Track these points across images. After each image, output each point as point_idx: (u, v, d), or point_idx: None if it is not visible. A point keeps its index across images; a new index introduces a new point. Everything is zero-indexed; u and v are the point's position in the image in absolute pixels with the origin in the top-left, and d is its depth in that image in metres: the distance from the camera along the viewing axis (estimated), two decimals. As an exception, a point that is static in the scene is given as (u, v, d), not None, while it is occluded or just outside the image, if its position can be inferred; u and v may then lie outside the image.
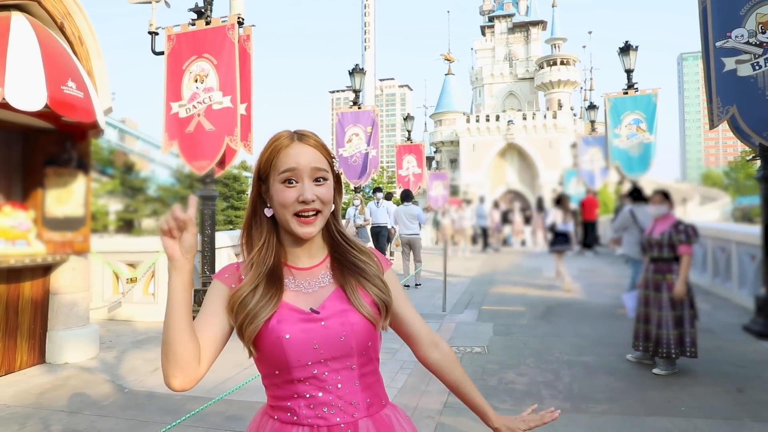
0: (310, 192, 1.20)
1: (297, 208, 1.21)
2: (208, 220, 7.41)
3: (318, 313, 1.22)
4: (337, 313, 1.22)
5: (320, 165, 1.23)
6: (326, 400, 1.20)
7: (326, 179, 1.25)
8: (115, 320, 7.37)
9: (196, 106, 7.19)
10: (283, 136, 1.25)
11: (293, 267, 1.29)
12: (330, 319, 1.21)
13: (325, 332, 1.20)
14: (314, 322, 1.21)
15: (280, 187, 1.22)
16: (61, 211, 5.39)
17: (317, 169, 1.22)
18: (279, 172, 1.22)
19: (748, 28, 5.77)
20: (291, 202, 1.21)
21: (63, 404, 4.19)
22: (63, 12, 5.02)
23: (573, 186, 28.90)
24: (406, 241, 10.77)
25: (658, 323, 4.91)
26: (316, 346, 1.19)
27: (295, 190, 1.21)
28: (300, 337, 1.18)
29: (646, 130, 13.62)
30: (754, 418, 3.81)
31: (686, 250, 4.81)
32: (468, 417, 3.95)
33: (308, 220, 1.22)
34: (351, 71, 14.63)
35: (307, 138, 1.25)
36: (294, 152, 1.22)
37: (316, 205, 1.22)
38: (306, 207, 1.21)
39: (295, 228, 1.22)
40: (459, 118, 57.49)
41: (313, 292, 1.26)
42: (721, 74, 5.89)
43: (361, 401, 1.23)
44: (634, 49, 13.49)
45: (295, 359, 1.18)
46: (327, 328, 1.20)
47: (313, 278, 1.28)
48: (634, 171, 13.94)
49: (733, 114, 5.83)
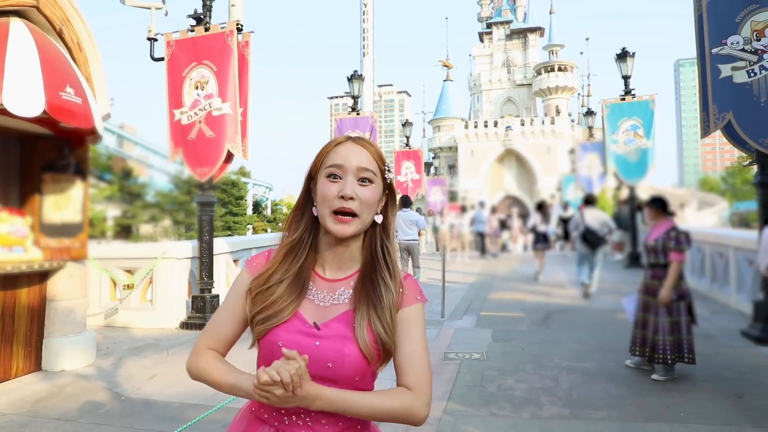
0: (351, 188, 1.19)
1: (336, 205, 1.20)
2: (206, 226, 7.40)
3: (318, 329, 1.20)
4: (336, 338, 1.19)
5: (368, 166, 1.23)
6: (297, 411, 1.18)
7: (372, 182, 1.23)
8: (112, 327, 7.33)
9: (198, 113, 7.20)
10: (341, 137, 1.28)
11: (318, 275, 1.28)
12: (326, 341, 1.19)
13: (316, 353, 1.17)
14: (310, 338, 1.19)
15: (324, 181, 1.22)
16: (59, 217, 5.37)
17: (363, 169, 1.22)
18: (326, 166, 1.23)
19: (744, 35, 5.80)
20: (332, 197, 1.20)
21: (59, 412, 4.16)
22: (62, 18, 5.02)
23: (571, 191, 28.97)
24: (405, 247, 10.75)
25: (654, 329, 4.91)
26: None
27: (337, 186, 1.20)
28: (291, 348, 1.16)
29: (643, 135, 13.68)
30: (753, 424, 3.80)
31: (676, 257, 4.81)
32: (468, 423, 3.93)
33: (344, 219, 1.20)
34: (350, 77, 14.66)
35: (363, 141, 1.26)
36: (344, 149, 1.23)
37: (354, 205, 1.20)
38: (344, 204, 1.19)
39: (330, 225, 1.21)
40: (457, 124, 57.63)
41: (325, 307, 1.24)
42: (717, 81, 5.91)
43: (330, 422, 1.19)
44: (631, 56, 13.55)
45: None
46: (319, 349, 1.18)
47: (332, 292, 1.26)
48: (632, 176, 13.98)
49: (729, 120, 5.85)
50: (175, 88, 7.33)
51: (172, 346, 6.28)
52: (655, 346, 4.87)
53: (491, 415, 4.10)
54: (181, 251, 7.65)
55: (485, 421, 4.00)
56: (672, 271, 4.80)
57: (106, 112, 5.42)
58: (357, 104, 14.51)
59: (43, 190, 5.31)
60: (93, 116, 4.79)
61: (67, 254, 5.36)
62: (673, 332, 4.81)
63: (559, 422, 3.96)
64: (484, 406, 4.30)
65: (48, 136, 5.27)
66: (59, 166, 5.36)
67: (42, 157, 5.33)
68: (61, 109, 4.40)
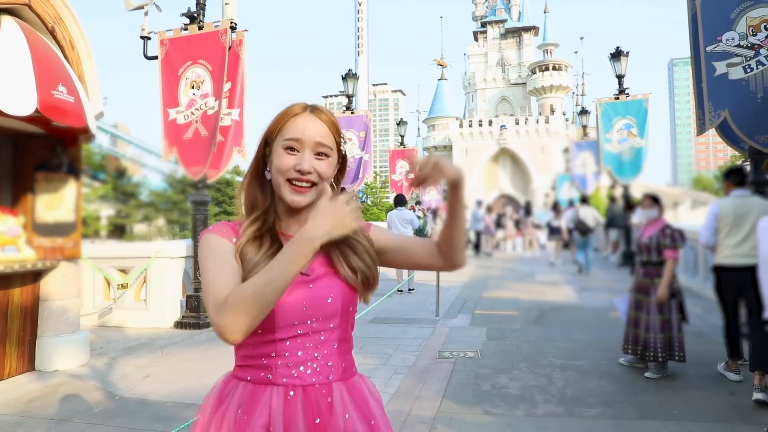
0: (308, 163, 1.22)
1: (292, 175, 1.22)
2: (201, 225, 7.39)
3: (307, 276, 1.23)
4: (324, 275, 1.25)
5: (325, 141, 1.25)
6: (304, 360, 1.21)
7: (328, 156, 1.26)
8: (106, 327, 7.30)
9: (194, 113, 7.18)
10: (296, 106, 1.27)
11: (285, 234, 1.30)
12: (318, 281, 1.24)
13: (313, 293, 1.22)
14: (303, 284, 1.22)
15: (281, 152, 1.23)
16: (52, 216, 5.35)
17: (320, 144, 1.24)
18: (284, 138, 1.23)
19: (739, 31, 5.81)
20: (287, 168, 1.22)
21: (53, 412, 4.14)
22: (54, 16, 4.99)
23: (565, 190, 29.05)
24: (399, 246, 10.75)
25: (646, 327, 4.94)
26: (305, 308, 1.21)
27: (294, 158, 1.22)
28: (290, 299, 1.19)
29: (637, 134, 13.72)
30: (745, 421, 3.82)
31: (671, 254, 4.83)
32: (462, 422, 3.94)
33: (301, 189, 1.23)
34: (344, 76, 14.64)
35: (319, 112, 1.27)
36: (302, 122, 1.24)
37: (312, 177, 1.23)
38: (301, 177, 1.22)
39: (285, 194, 1.23)
40: (452, 123, 57.70)
41: None
42: (712, 78, 5.92)
43: (337, 364, 1.25)
44: (625, 55, 13.60)
45: (282, 320, 1.20)
46: (315, 290, 1.23)
47: None
48: (626, 175, 14.03)
49: (725, 118, 5.86)
50: (170, 86, 7.30)
51: (166, 345, 6.26)
52: (647, 344, 4.90)
53: (485, 413, 4.11)
54: (175, 250, 7.63)
55: (479, 419, 4.01)
56: (668, 268, 4.82)
57: (99, 111, 5.40)
58: (351, 103, 14.49)
59: (35, 189, 5.28)
60: (86, 115, 4.76)
61: (61, 254, 5.34)
62: (664, 330, 4.84)
63: (553, 420, 3.97)
64: (479, 404, 4.31)
65: (40, 135, 5.24)
66: (52, 165, 5.34)
67: (34, 156, 5.30)
68: (53, 108, 4.38)
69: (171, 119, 7.28)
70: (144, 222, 30.97)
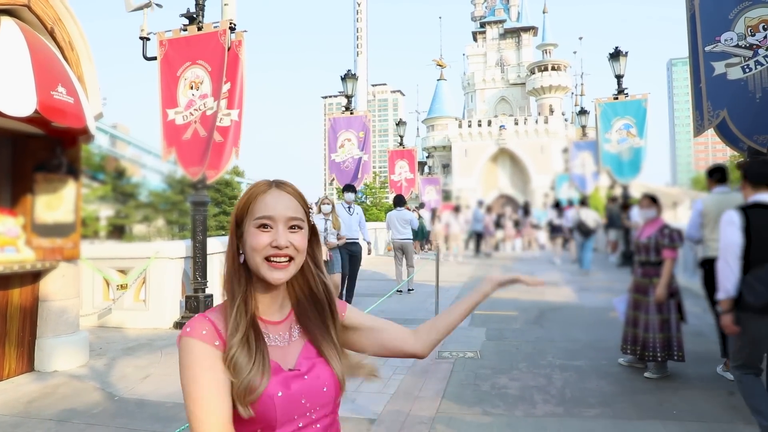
0: (284, 238, 1.20)
1: (269, 252, 1.20)
2: (200, 225, 7.38)
3: (299, 370, 1.23)
4: (314, 366, 1.25)
5: (295, 214, 1.24)
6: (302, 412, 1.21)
7: (301, 228, 1.25)
8: (105, 327, 7.30)
9: (193, 114, 7.18)
10: (261, 184, 1.27)
11: (266, 320, 1.28)
12: (310, 373, 1.24)
13: (310, 385, 1.22)
14: (298, 378, 1.22)
15: (254, 231, 1.21)
16: (51, 217, 5.35)
17: (292, 218, 1.23)
18: (255, 217, 1.22)
19: (737, 31, 5.82)
20: (263, 246, 1.20)
21: (52, 413, 4.14)
22: (53, 17, 4.99)
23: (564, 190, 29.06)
24: (399, 246, 10.77)
25: (645, 327, 4.94)
26: (304, 401, 1.20)
27: (268, 235, 1.21)
28: (290, 396, 1.19)
29: (636, 134, 13.73)
30: (745, 422, 3.82)
31: (670, 254, 4.84)
32: (462, 422, 3.94)
33: (280, 264, 1.21)
34: (343, 77, 14.65)
35: (284, 186, 1.27)
36: (270, 199, 1.23)
37: (289, 251, 1.22)
38: (279, 252, 1.21)
39: (264, 273, 1.21)
40: (451, 124, 57.72)
41: (286, 347, 1.26)
42: (711, 78, 5.93)
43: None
44: (624, 55, 13.61)
45: (283, 416, 1.18)
46: (310, 382, 1.22)
47: (284, 332, 1.29)
48: (625, 175, 14.05)
49: (723, 118, 5.87)
50: (169, 87, 7.30)
51: (165, 346, 6.26)
52: (646, 344, 4.90)
53: (485, 414, 4.11)
54: (175, 251, 7.63)
55: (479, 419, 4.01)
56: (666, 268, 4.83)
57: (99, 112, 5.40)
58: (351, 103, 14.49)
59: (35, 190, 5.28)
60: (85, 116, 4.76)
61: (60, 254, 5.34)
62: (663, 330, 4.85)
63: (553, 420, 3.98)
64: (478, 404, 4.31)
65: (40, 135, 5.24)
66: (51, 165, 5.34)
67: (34, 156, 5.30)
68: (52, 109, 4.38)
69: (170, 120, 7.28)
70: (143, 222, 30.94)
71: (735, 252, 3.36)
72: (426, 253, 19.62)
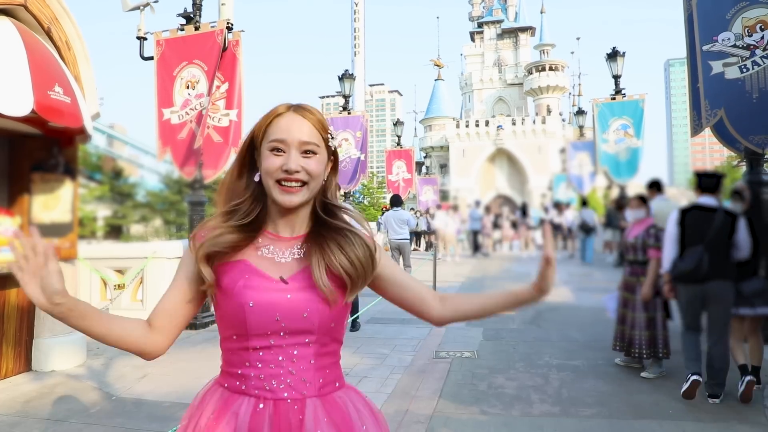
0: (295, 163, 1.20)
1: (280, 176, 1.20)
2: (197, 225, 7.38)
3: (286, 284, 1.21)
4: (305, 288, 1.21)
5: (310, 139, 1.22)
6: (277, 373, 1.20)
7: (316, 153, 1.23)
8: (102, 327, 7.28)
9: (189, 113, 7.17)
10: (280, 106, 1.26)
11: (272, 234, 1.28)
12: (296, 293, 1.21)
13: (289, 305, 1.19)
14: (280, 292, 1.20)
15: (268, 154, 1.22)
16: (48, 217, 5.34)
17: (306, 142, 1.22)
18: (269, 140, 1.22)
19: (735, 31, 5.84)
20: (274, 170, 1.20)
21: (49, 412, 4.14)
22: (50, 17, 4.99)
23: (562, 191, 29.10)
24: (396, 246, 10.75)
25: (632, 324, 5.04)
26: (278, 318, 1.19)
27: (280, 159, 1.21)
28: (263, 306, 1.18)
29: (633, 135, 13.77)
30: (741, 421, 3.84)
31: (655, 254, 4.89)
32: (459, 421, 3.95)
33: (290, 188, 1.21)
34: (341, 76, 14.65)
35: (304, 111, 1.25)
36: (286, 122, 1.22)
37: (301, 176, 1.21)
38: (289, 176, 1.20)
39: (276, 195, 1.21)
40: (449, 124, 57.70)
41: (286, 263, 1.25)
42: (708, 77, 5.94)
43: (312, 380, 1.22)
44: (622, 55, 13.64)
45: (254, 327, 1.18)
46: (292, 301, 1.20)
47: (288, 248, 1.27)
48: (622, 175, 14.08)
49: (721, 117, 5.88)
50: (165, 87, 7.30)
51: (163, 346, 6.25)
52: (632, 341, 5.00)
53: (482, 413, 4.12)
54: (172, 251, 7.62)
55: (476, 419, 4.02)
56: (651, 268, 4.91)
57: (96, 112, 5.40)
58: (348, 103, 14.50)
59: (32, 189, 5.27)
60: (82, 115, 4.76)
61: (57, 254, 5.30)
62: (649, 328, 4.93)
63: (549, 420, 3.99)
64: (475, 404, 4.32)
65: (37, 135, 5.23)
66: (48, 165, 5.33)
67: (31, 156, 5.29)
68: (49, 109, 4.37)
69: (165, 119, 7.28)
70: (141, 222, 30.88)
71: (671, 239, 4.44)
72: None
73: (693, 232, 4.31)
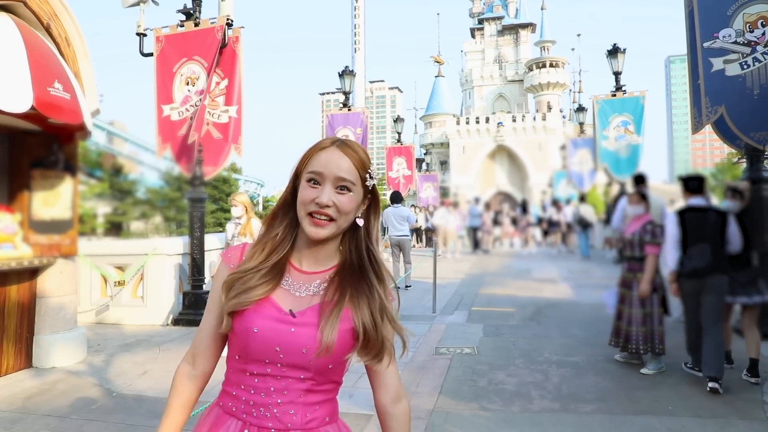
0: (327, 197, 1.21)
1: (312, 208, 1.22)
2: (197, 222, 7.38)
3: (294, 317, 1.22)
4: (311, 326, 1.21)
5: (347, 176, 1.24)
6: (266, 402, 1.21)
7: (350, 190, 1.25)
8: (103, 324, 7.30)
9: (189, 109, 7.17)
10: (326, 140, 1.29)
11: (294, 267, 1.30)
12: (301, 328, 1.21)
13: (291, 338, 1.20)
14: (285, 324, 1.21)
15: (305, 185, 1.25)
16: (48, 213, 5.34)
17: (341, 179, 1.23)
18: (308, 171, 1.25)
19: (736, 28, 5.82)
20: (308, 201, 1.23)
21: (50, 409, 4.15)
22: (49, 13, 4.98)
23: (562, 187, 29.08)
24: (396, 243, 10.77)
25: (628, 320, 5.06)
26: (278, 349, 1.20)
27: (315, 191, 1.23)
28: (266, 334, 1.20)
29: (634, 131, 13.74)
30: (740, 417, 3.85)
31: (651, 250, 4.91)
32: (459, 417, 3.96)
33: (319, 222, 1.23)
34: (341, 73, 14.63)
35: (347, 147, 1.26)
36: (326, 156, 1.24)
37: (330, 211, 1.22)
38: (320, 210, 1.22)
39: (306, 226, 1.24)
40: (449, 120, 57.58)
41: (300, 297, 1.26)
42: (709, 74, 5.92)
43: (300, 413, 1.22)
44: (622, 52, 13.59)
45: (254, 352, 1.21)
46: (294, 335, 1.21)
47: (308, 283, 1.28)
48: (622, 172, 14.06)
49: (721, 114, 5.87)
50: (165, 83, 7.29)
51: (163, 342, 6.27)
52: (629, 337, 5.02)
53: (482, 409, 4.13)
54: (172, 247, 7.63)
55: (476, 414, 4.03)
56: (649, 264, 4.92)
57: (96, 108, 5.39)
58: (348, 100, 14.48)
59: (32, 186, 5.28)
60: (82, 112, 4.76)
61: (57, 251, 5.34)
62: (645, 323, 4.94)
63: (549, 416, 3.99)
64: (475, 400, 4.33)
65: (36, 132, 5.23)
66: (48, 162, 5.33)
67: (30, 153, 5.29)
68: (49, 105, 4.37)
69: (165, 116, 7.27)
70: (141, 219, 30.86)
71: (674, 240, 4.70)
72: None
73: (694, 231, 4.61)
